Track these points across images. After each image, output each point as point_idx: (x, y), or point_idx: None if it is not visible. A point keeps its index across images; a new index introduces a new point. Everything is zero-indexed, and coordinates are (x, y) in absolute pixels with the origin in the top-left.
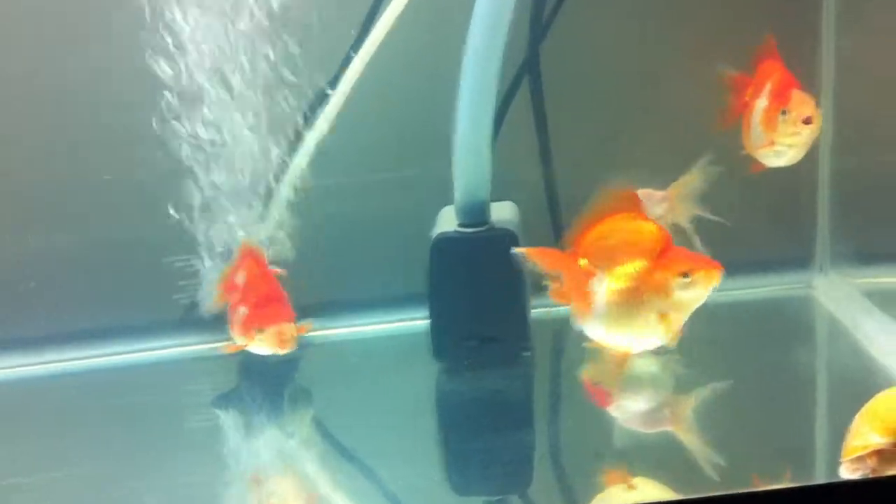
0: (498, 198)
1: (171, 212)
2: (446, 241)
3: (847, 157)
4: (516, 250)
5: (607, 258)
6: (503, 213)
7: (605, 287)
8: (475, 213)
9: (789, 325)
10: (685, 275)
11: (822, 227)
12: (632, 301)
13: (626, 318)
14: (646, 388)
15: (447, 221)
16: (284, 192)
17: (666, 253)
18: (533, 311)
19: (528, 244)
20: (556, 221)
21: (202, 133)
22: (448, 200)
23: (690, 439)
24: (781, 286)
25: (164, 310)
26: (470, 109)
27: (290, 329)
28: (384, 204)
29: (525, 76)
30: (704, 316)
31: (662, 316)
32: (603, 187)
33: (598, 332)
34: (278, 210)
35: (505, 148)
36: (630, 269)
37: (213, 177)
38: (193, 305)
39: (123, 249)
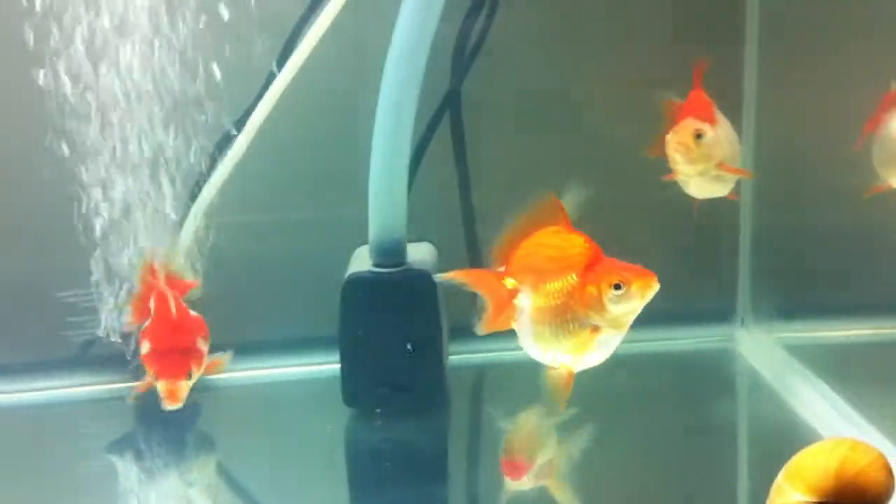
0: (416, 238)
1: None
2: (358, 280)
3: (769, 210)
4: (439, 276)
5: (534, 275)
6: (421, 253)
7: (530, 306)
8: (390, 253)
9: (710, 379)
10: (617, 286)
11: (744, 279)
12: (560, 318)
13: (557, 337)
14: (552, 446)
15: (361, 261)
16: (191, 224)
17: (595, 265)
18: (451, 357)
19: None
20: (475, 262)
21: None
22: (364, 241)
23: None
24: (702, 338)
25: (58, 347)
26: (385, 143)
27: (181, 388)
28: (296, 243)
29: (446, 110)
30: (621, 368)
31: (595, 329)
32: (529, 200)
33: (534, 352)
34: (184, 244)
35: (424, 185)
36: (557, 286)
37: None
38: (90, 343)
39: (14, 282)
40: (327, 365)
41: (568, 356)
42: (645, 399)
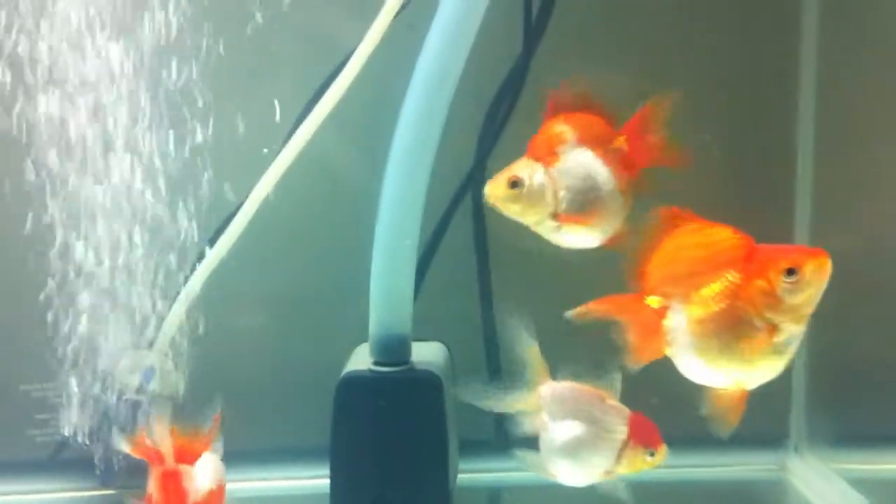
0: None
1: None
2: (355, 380)
3: (825, 326)
4: (569, 314)
5: (682, 284)
6: (428, 353)
7: (687, 320)
8: (393, 350)
9: None
10: (790, 272)
11: (798, 401)
12: (728, 325)
13: (729, 348)
14: None
15: (360, 359)
16: (174, 320)
17: (755, 255)
18: (461, 475)
19: (458, 390)
20: (493, 366)
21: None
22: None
23: None
24: (750, 466)
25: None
26: (391, 222)
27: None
28: (287, 340)
29: (469, 190)
30: (661, 498)
31: (772, 330)
32: (652, 210)
33: (701, 376)
34: (166, 340)
35: (437, 278)
36: (715, 289)
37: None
38: (62, 445)
39: None
40: (316, 479)
41: (743, 369)
42: None
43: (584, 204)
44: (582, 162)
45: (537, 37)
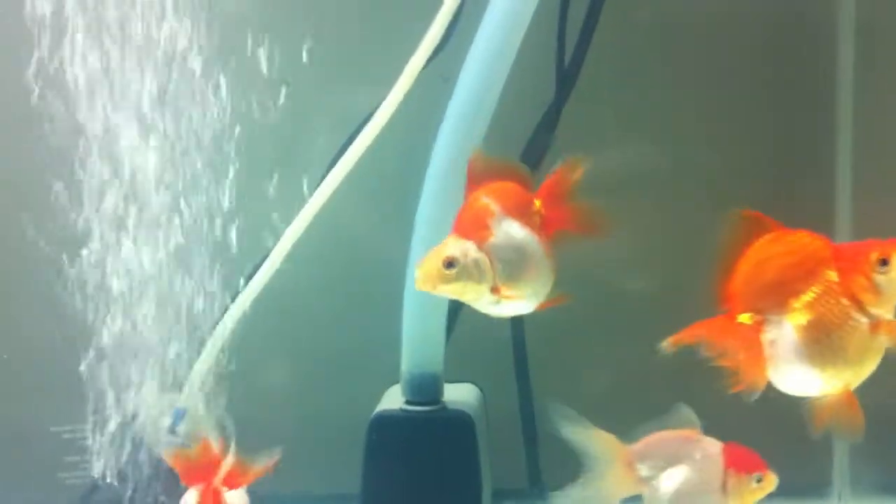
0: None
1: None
2: (386, 419)
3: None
4: (665, 343)
5: (777, 295)
6: (461, 393)
7: (790, 330)
8: (424, 389)
9: None
10: (882, 262)
11: (841, 446)
12: (835, 326)
13: (842, 348)
14: None
15: (392, 399)
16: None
17: (843, 253)
18: None
19: (490, 433)
20: (526, 410)
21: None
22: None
23: None
24: None
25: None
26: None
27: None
28: (316, 383)
29: None
30: None
31: (875, 325)
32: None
33: (807, 383)
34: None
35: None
36: (815, 292)
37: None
38: (94, 488)
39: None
40: None
41: (852, 369)
42: None
43: (519, 275)
44: (511, 233)
45: (570, 82)
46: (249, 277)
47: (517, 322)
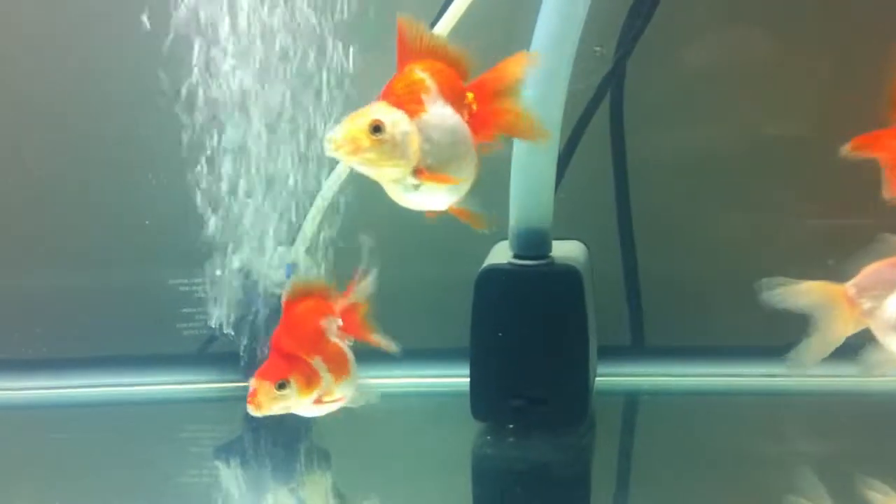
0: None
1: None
2: (495, 273)
3: None
4: (842, 149)
5: None
6: (568, 249)
7: None
8: (533, 244)
9: None
10: None
11: None
12: None
13: None
14: None
15: (500, 254)
16: (316, 213)
17: None
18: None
19: (597, 289)
20: (629, 266)
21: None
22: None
23: None
24: None
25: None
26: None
27: (263, 392)
28: (425, 240)
29: (607, 91)
30: None
31: None
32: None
33: None
34: (306, 238)
35: (575, 178)
36: None
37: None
38: (212, 339)
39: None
40: (455, 378)
41: None
42: None
43: (446, 162)
44: (445, 115)
45: None
46: None
47: (621, 180)
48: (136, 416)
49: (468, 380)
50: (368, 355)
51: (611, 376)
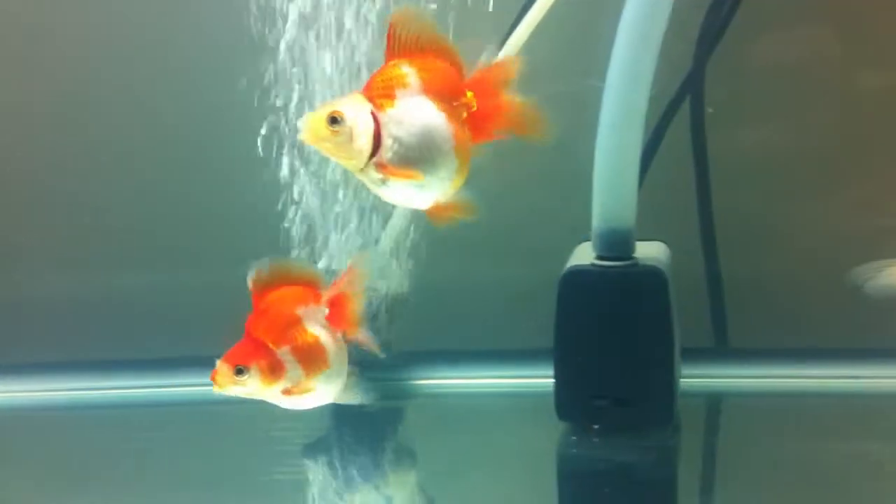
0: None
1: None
2: (579, 274)
3: None
4: None
5: None
6: (651, 250)
7: None
8: (616, 244)
9: None
10: None
11: None
12: None
13: None
14: None
15: (583, 255)
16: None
17: None
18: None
19: (678, 291)
20: (711, 267)
21: None
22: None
23: None
24: None
25: None
26: (616, 115)
27: (223, 371)
28: (510, 241)
29: (687, 94)
30: None
31: None
32: None
33: None
34: (390, 237)
35: (657, 179)
36: None
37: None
38: None
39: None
40: (540, 378)
41: None
42: None
43: (414, 158)
44: (417, 111)
45: None
46: None
47: (703, 181)
48: (219, 414)
49: (553, 380)
50: (452, 355)
51: (694, 378)
